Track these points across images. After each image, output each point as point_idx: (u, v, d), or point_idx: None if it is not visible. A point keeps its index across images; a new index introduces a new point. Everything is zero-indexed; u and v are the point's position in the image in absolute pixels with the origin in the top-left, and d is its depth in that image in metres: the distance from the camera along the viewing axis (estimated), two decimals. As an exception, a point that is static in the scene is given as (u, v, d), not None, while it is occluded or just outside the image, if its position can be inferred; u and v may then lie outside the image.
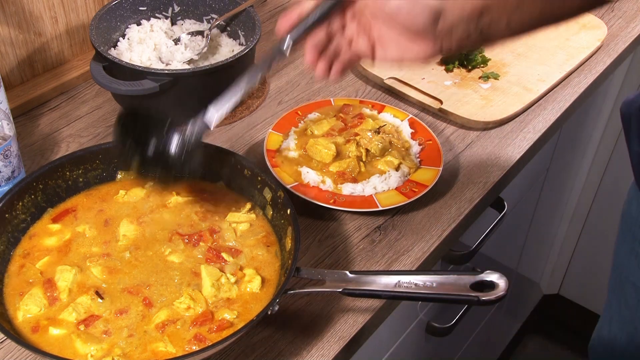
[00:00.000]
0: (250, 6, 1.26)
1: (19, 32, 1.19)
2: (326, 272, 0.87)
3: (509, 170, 1.17)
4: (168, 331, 0.82)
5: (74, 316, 0.83)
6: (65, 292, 0.85)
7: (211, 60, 1.25)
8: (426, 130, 1.16)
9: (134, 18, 1.26)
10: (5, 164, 0.97)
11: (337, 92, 1.30)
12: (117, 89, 1.10)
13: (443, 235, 1.04)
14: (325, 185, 1.05)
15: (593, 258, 2.16)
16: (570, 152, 1.79)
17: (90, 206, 0.97)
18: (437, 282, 0.85)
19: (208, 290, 0.86)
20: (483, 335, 1.81)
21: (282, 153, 1.10)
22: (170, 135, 0.91)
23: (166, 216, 0.96)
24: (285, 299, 0.92)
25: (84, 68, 1.28)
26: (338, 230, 1.04)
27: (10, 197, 0.90)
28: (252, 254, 0.92)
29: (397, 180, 1.06)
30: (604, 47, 1.44)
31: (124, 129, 0.91)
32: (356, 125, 1.14)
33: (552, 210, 1.94)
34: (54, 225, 0.94)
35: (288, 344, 0.88)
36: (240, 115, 1.23)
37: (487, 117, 1.23)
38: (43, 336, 0.81)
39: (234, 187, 1.00)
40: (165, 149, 0.90)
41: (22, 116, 1.20)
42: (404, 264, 0.99)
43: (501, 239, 1.49)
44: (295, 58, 1.38)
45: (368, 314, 0.92)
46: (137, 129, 0.91)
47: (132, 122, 0.92)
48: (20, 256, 0.90)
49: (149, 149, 0.91)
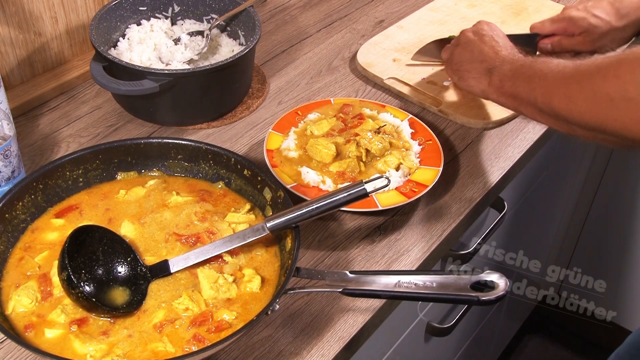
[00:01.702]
0: (250, 6, 1.26)
1: (19, 32, 1.18)
2: (326, 272, 0.87)
3: (509, 170, 1.17)
4: (166, 331, 0.82)
5: (62, 318, 0.82)
6: (59, 288, 0.85)
7: (211, 60, 1.25)
8: (426, 130, 1.16)
9: (134, 18, 1.26)
10: (5, 164, 0.97)
11: (337, 92, 1.30)
12: (117, 89, 1.10)
13: (443, 235, 1.04)
14: (325, 185, 1.05)
15: (593, 258, 2.16)
16: (570, 152, 1.79)
17: (96, 203, 0.97)
18: (437, 282, 0.85)
19: (207, 292, 0.86)
20: (483, 335, 1.81)
21: (282, 153, 1.10)
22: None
23: (166, 216, 0.96)
24: (285, 299, 0.92)
25: (84, 68, 1.28)
26: (338, 230, 1.04)
27: (10, 197, 0.90)
28: (251, 254, 0.92)
29: (397, 180, 1.06)
30: (604, 47, 1.44)
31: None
32: (356, 125, 1.14)
33: (552, 210, 1.94)
34: (57, 220, 0.94)
35: (288, 344, 0.88)
36: (240, 115, 1.23)
37: (487, 117, 1.23)
38: (40, 337, 0.81)
39: (233, 187, 1.00)
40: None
41: (22, 116, 1.20)
42: (404, 264, 0.99)
43: (501, 238, 1.49)
44: (295, 58, 1.38)
45: (368, 314, 0.92)
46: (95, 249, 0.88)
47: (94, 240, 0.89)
48: (21, 249, 0.90)
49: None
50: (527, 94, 0.99)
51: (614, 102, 0.84)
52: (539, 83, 0.96)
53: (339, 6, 1.55)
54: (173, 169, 1.02)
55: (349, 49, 1.42)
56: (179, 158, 1.01)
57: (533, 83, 0.98)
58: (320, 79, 1.34)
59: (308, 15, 1.52)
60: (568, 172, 1.88)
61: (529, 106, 0.99)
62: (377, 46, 1.39)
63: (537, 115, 0.99)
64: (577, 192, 2.04)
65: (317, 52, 1.41)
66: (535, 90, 0.97)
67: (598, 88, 0.86)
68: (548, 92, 0.94)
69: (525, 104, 1.00)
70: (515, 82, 1.02)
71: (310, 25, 1.49)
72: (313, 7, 1.54)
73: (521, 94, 1.00)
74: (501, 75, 1.05)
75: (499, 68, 1.06)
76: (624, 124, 0.84)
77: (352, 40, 1.45)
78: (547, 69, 0.96)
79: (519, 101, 1.02)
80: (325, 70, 1.36)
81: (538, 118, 1.00)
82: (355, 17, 1.52)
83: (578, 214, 2.11)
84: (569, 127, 0.94)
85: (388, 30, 1.45)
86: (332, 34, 1.47)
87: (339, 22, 1.50)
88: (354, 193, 0.88)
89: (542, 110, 0.97)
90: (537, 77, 0.97)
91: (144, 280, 0.87)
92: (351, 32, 1.47)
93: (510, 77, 1.03)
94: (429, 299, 0.90)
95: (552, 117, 0.96)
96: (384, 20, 1.51)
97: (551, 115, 0.95)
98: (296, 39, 1.44)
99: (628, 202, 2.01)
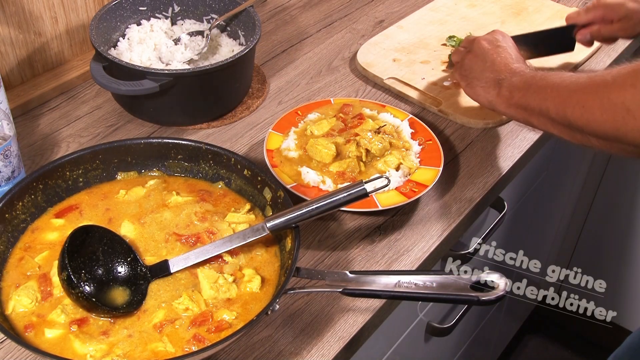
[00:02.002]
0: (250, 6, 1.26)
1: (19, 32, 1.18)
2: (326, 272, 0.87)
3: (509, 170, 1.17)
4: (166, 331, 0.82)
5: (62, 318, 0.82)
6: (58, 288, 0.85)
7: (211, 60, 1.25)
8: (426, 130, 1.16)
9: (134, 18, 1.26)
10: (5, 164, 0.97)
11: (337, 92, 1.30)
12: (117, 89, 1.10)
13: (443, 235, 1.04)
14: (325, 185, 1.05)
15: (593, 258, 2.16)
16: (570, 152, 1.79)
17: (96, 204, 0.97)
18: (437, 282, 0.85)
19: (207, 292, 0.86)
20: (483, 335, 1.81)
21: (282, 153, 1.10)
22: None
23: (166, 216, 0.96)
24: (285, 299, 0.92)
25: (84, 68, 1.28)
26: (338, 230, 1.04)
27: (10, 197, 0.90)
28: (251, 254, 0.92)
29: (397, 180, 1.06)
30: (603, 48, 1.44)
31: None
32: (356, 126, 1.14)
33: (552, 210, 1.94)
34: (57, 220, 0.94)
35: (288, 344, 0.88)
36: (240, 115, 1.23)
37: (487, 117, 1.23)
38: (40, 337, 0.81)
39: (233, 187, 1.00)
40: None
41: (22, 116, 1.20)
42: (404, 264, 0.99)
43: (501, 238, 1.49)
44: (295, 58, 1.38)
45: (368, 314, 0.92)
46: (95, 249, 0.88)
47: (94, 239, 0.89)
48: (21, 249, 0.90)
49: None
50: (538, 104, 0.98)
51: (631, 112, 0.84)
52: (551, 93, 0.96)
53: (339, 6, 1.55)
54: (173, 169, 1.02)
55: (349, 49, 1.42)
56: (179, 158, 1.01)
57: (545, 93, 0.97)
58: (320, 79, 1.34)
59: (308, 15, 1.52)
60: (568, 172, 1.88)
61: (541, 117, 0.99)
62: (377, 46, 1.39)
63: (549, 126, 0.99)
64: (577, 192, 2.04)
65: (317, 52, 1.41)
66: (548, 100, 0.96)
67: (615, 98, 0.86)
68: (562, 102, 0.94)
69: (536, 114, 1.00)
70: (525, 93, 1.01)
71: (310, 25, 1.49)
72: (313, 7, 1.54)
73: (532, 104, 1.00)
74: (511, 87, 1.04)
75: (509, 80, 1.05)
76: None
77: (352, 40, 1.45)
78: (560, 79, 0.96)
79: (529, 112, 1.01)
80: (325, 70, 1.36)
81: (550, 129, 0.99)
82: (355, 17, 1.52)
83: (578, 214, 2.11)
84: (583, 137, 0.94)
85: (388, 30, 1.45)
86: (332, 34, 1.47)
87: (339, 22, 1.50)
88: (354, 193, 0.88)
89: (554, 121, 0.97)
90: (549, 88, 0.97)
91: (144, 280, 0.87)
92: (351, 32, 1.47)
93: (520, 88, 1.02)
94: (429, 299, 0.90)
95: (565, 127, 0.95)
96: (384, 20, 1.51)
97: (565, 125, 0.95)
98: (296, 39, 1.44)
99: (628, 202, 2.01)
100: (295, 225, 0.88)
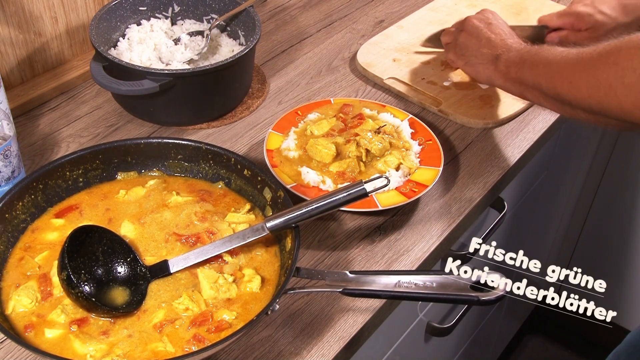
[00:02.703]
0: (250, 6, 1.26)
1: (19, 32, 1.18)
2: (326, 272, 0.87)
3: (509, 170, 1.17)
4: (166, 331, 0.82)
5: (62, 318, 0.82)
6: (58, 288, 0.85)
7: (211, 60, 1.25)
8: (426, 130, 1.16)
9: (134, 18, 1.26)
10: (5, 164, 0.97)
11: (337, 92, 1.30)
12: (117, 89, 1.10)
13: (443, 235, 1.04)
14: (325, 185, 1.05)
15: (593, 258, 2.16)
16: (570, 152, 1.79)
17: (96, 204, 0.97)
18: (437, 282, 0.85)
19: (207, 292, 0.86)
20: (483, 335, 1.81)
21: (282, 153, 1.10)
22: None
23: (166, 216, 0.96)
24: (285, 299, 0.92)
25: (84, 68, 1.28)
26: (338, 230, 1.04)
27: (10, 197, 0.90)
28: (251, 254, 0.92)
29: (397, 180, 1.06)
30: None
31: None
32: (356, 126, 1.14)
33: (552, 210, 1.94)
34: (57, 220, 0.94)
35: (288, 344, 0.88)
36: (240, 115, 1.23)
37: (487, 117, 1.23)
38: (40, 337, 0.81)
39: (233, 187, 1.00)
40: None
41: (22, 116, 1.20)
42: (404, 264, 0.99)
43: (501, 238, 1.49)
44: (295, 58, 1.38)
45: (368, 314, 0.92)
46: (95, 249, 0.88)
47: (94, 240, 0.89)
48: (21, 249, 0.90)
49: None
50: (532, 79, 1.03)
51: (613, 88, 0.88)
52: (544, 69, 1.00)
53: (339, 6, 1.55)
54: (173, 169, 1.02)
55: (349, 49, 1.42)
56: (179, 158, 1.01)
57: (538, 69, 1.02)
58: (320, 79, 1.34)
59: (308, 15, 1.52)
60: (568, 172, 1.88)
61: (534, 91, 1.03)
62: (377, 46, 1.39)
63: (542, 100, 1.04)
64: (577, 192, 2.04)
65: (317, 52, 1.41)
66: (540, 76, 1.01)
67: (599, 74, 0.90)
68: (552, 78, 0.99)
69: (530, 88, 1.04)
70: (520, 68, 1.05)
71: (310, 25, 1.49)
72: (313, 7, 1.54)
73: (526, 79, 1.04)
74: (507, 62, 1.08)
75: (505, 55, 1.09)
76: (623, 108, 0.89)
77: (352, 40, 1.45)
78: (552, 55, 1.00)
79: (524, 86, 1.06)
80: (325, 70, 1.36)
81: (543, 102, 1.04)
82: (355, 17, 1.52)
83: (578, 214, 2.11)
84: (572, 110, 0.98)
85: (388, 30, 1.45)
86: (332, 34, 1.47)
87: (339, 22, 1.50)
88: (354, 193, 0.88)
89: (546, 95, 1.01)
90: (541, 64, 1.01)
91: (143, 280, 0.87)
92: (351, 32, 1.47)
93: (516, 64, 1.06)
94: (429, 299, 0.90)
95: (556, 101, 1.00)
96: (384, 20, 1.51)
97: (556, 99, 1.00)
98: (296, 39, 1.44)
99: (628, 202, 2.01)
100: (295, 225, 0.88)
